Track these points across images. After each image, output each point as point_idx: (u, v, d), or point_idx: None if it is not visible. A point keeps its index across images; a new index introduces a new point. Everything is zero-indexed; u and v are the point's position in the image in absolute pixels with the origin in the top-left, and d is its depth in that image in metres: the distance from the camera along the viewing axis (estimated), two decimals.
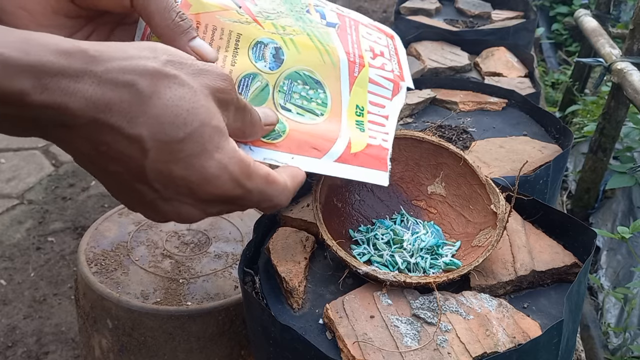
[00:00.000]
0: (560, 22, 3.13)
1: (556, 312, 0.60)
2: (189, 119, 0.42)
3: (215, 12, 0.57)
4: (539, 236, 0.68)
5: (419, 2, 1.77)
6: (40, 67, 0.36)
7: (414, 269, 0.63)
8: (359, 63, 0.64)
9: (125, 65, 0.40)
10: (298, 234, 0.69)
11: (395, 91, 0.66)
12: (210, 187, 0.44)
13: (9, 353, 1.49)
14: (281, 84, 0.58)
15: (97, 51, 0.39)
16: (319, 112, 0.59)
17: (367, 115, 0.62)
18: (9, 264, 1.78)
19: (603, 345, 1.37)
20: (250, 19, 0.58)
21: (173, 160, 0.42)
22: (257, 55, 0.57)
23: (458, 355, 0.53)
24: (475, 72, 1.33)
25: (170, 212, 0.46)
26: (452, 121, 1.00)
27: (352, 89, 0.62)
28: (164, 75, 0.41)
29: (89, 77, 0.38)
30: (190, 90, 0.42)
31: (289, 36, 0.60)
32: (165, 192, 0.44)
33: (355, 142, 0.59)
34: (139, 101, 0.40)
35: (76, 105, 0.38)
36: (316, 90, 0.60)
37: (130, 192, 0.45)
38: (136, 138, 0.40)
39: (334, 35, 0.64)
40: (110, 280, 0.87)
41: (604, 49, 1.56)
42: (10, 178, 2.17)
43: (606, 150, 1.62)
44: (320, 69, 0.60)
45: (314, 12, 0.65)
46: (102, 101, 0.38)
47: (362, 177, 0.58)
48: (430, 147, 0.71)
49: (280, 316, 0.60)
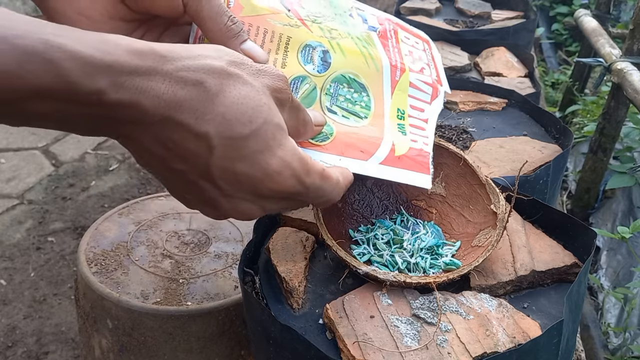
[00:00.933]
0: (560, 22, 3.13)
1: (556, 312, 0.60)
2: (253, 116, 0.43)
3: (266, 15, 0.58)
4: (539, 236, 0.68)
5: (419, 2, 1.77)
6: (117, 66, 0.37)
7: (414, 269, 0.63)
8: (400, 67, 0.65)
9: (194, 64, 0.41)
10: (298, 234, 0.69)
11: (434, 95, 0.67)
12: (272, 183, 0.46)
13: (9, 353, 1.49)
14: (328, 86, 0.59)
15: (167, 51, 0.40)
16: (363, 115, 0.60)
17: (408, 119, 0.63)
18: (9, 264, 1.78)
19: (603, 345, 1.37)
20: (299, 22, 0.59)
21: (238, 157, 0.43)
22: (305, 58, 0.59)
23: (458, 355, 0.53)
24: (475, 72, 1.33)
25: (230, 209, 0.47)
26: (452, 121, 1.00)
27: (393, 92, 0.63)
28: (229, 75, 0.43)
29: (161, 76, 0.39)
30: (253, 89, 0.44)
31: (335, 40, 0.61)
32: (228, 189, 0.45)
33: (398, 145, 0.60)
34: (207, 99, 0.41)
35: (149, 102, 0.39)
36: (360, 94, 0.61)
37: (193, 190, 0.46)
38: (203, 135, 0.41)
39: (376, 39, 0.65)
40: (110, 280, 0.87)
41: (604, 49, 1.56)
42: (10, 178, 2.17)
43: (606, 150, 1.62)
44: (365, 73, 0.62)
45: (356, 16, 0.66)
46: (173, 99, 0.40)
47: (406, 180, 0.59)
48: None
49: (280, 316, 0.60)
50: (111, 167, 2.26)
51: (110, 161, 2.30)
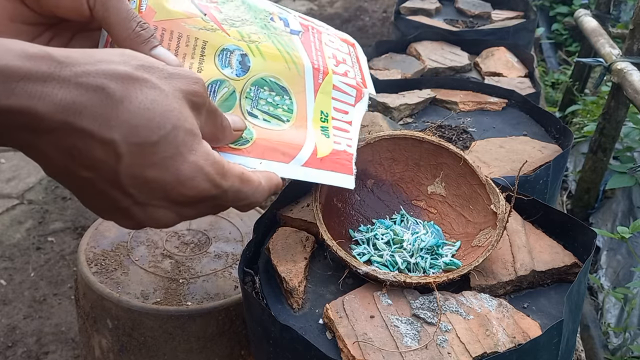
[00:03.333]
0: (560, 22, 3.13)
1: (556, 312, 0.60)
2: (162, 121, 0.42)
3: (180, 20, 0.57)
4: (539, 236, 0.68)
5: (419, 2, 1.77)
6: (5, 71, 0.36)
7: (414, 269, 0.63)
8: (323, 70, 0.65)
9: (94, 69, 0.39)
10: (298, 234, 0.69)
11: (358, 97, 0.67)
12: (185, 189, 0.44)
13: (9, 353, 1.49)
14: (248, 90, 0.59)
15: (64, 56, 0.39)
16: (285, 118, 0.60)
17: (332, 121, 0.63)
18: (9, 264, 1.78)
19: (603, 345, 1.37)
20: (215, 26, 0.59)
21: (147, 163, 0.42)
22: (223, 62, 0.58)
23: (458, 355, 0.53)
24: (475, 72, 1.33)
25: (144, 218, 0.46)
26: (452, 121, 1.00)
27: (316, 95, 0.63)
28: (135, 79, 0.41)
29: (57, 81, 0.38)
30: (162, 93, 0.42)
31: (255, 43, 0.60)
32: (139, 196, 0.43)
33: (321, 148, 0.60)
34: (110, 105, 0.39)
35: (45, 109, 0.37)
36: (282, 97, 0.61)
37: (103, 199, 0.44)
38: (109, 142, 0.40)
39: (298, 42, 0.65)
40: (110, 280, 0.87)
41: (604, 49, 1.56)
42: (10, 178, 2.17)
43: (606, 150, 1.62)
44: (286, 76, 0.61)
45: (277, 19, 0.65)
46: (72, 105, 0.38)
47: (329, 181, 0.59)
48: (430, 147, 0.71)
49: (280, 316, 0.60)
50: None
51: None
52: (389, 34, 3.39)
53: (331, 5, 4.02)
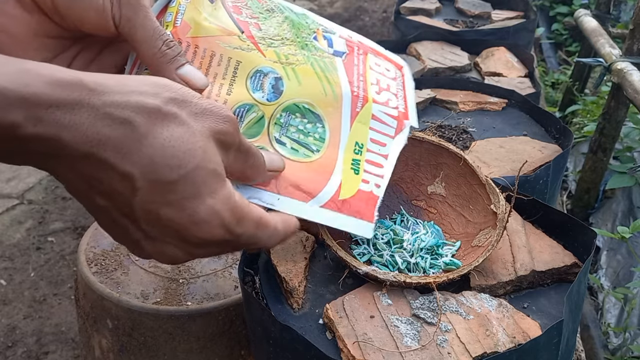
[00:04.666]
0: (560, 22, 3.13)
1: (556, 312, 0.60)
2: (184, 160, 0.41)
3: (215, 37, 0.55)
4: (539, 236, 0.68)
5: (419, 2, 1.77)
6: (35, 99, 0.35)
7: (414, 269, 0.63)
8: (363, 97, 0.61)
9: (124, 100, 0.39)
10: (298, 234, 0.69)
11: (399, 129, 0.63)
12: (198, 232, 0.43)
13: (9, 353, 1.49)
14: (278, 116, 0.56)
15: (95, 83, 0.38)
16: (315, 147, 0.57)
17: (366, 154, 0.60)
18: (9, 264, 1.78)
19: (603, 345, 1.37)
20: (252, 46, 0.56)
21: (163, 201, 0.41)
22: (255, 85, 0.55)
23: (458, 355, 0.53)
24: (475, 72, 1.33)
25: (154, 252, 0.45)
26: (452, 121, 1.00)
27: (352, 124, 0.60)
28: (164, 114, 0.40)
29: (86, 110, 0.37)
30: (189, 131, 0.41)
31: (291, 66, 0.57)
32: (151, 231, 0.43)
33: (345, 187, 0.57)
34: (134, 138, 0.39)
35: (70, 138, 0.37)
36: (315, 124, 0.58)
37: (117, 227, 0.44)
38: (127, 175, 0.39)
39: (340, 65, 0.61)
40: (110, 280, 0.87)
41: (604, 49, 1.56)
42: (10, 178, 2.17)
43: (606, 150, 1.62)
44: (321, 102, 0.58)
45: (321, 39, 0.62)
46: (97, 136, 0.38)
47: (347, 227, 0.57)
48: (430, 147, 0.71)
49: (280, 316, 0.60)
50: None
51: None
52: (389, 34, 3.39)
53: (331, 5, 4.02)
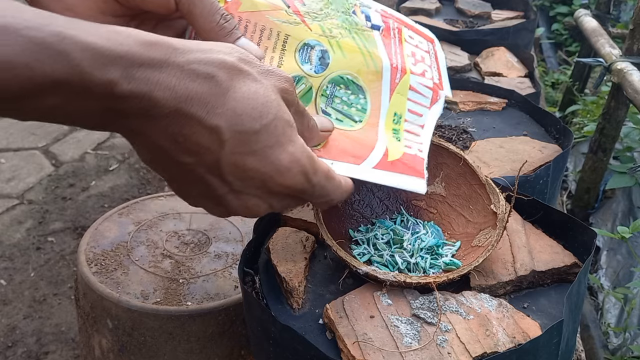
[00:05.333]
0: (560, 22, 3.13)
1: (556, 312, 0.60)
2: (264, 111, 0.43)
3: (265, 12, 0.57)
4: (539, 236, 0.68)
5: (419, 2, 1.77)
6: (129, 57, 0.37)
7: (414, 269, 0.63)
8: (401, 69, 0.63)
9: (205, 57, 0.41)
10: (298, 234, 0.69)
11: (434, 99, 0.65)
12: (282, 179, 0.46)
13: (9, 353, 1.49)
14: (324, 87, 0.58)
15: (178, 42, 0.41)
16: (358, 118, 0.59)
17: (404, 124, 0.62)
18: (9, 264, 1.78)
19: (603, 345, 1.37)
20: (298, 20, 0.58)
21: (249, 151, 0.43)
22: (303, 57, 0.58)
23: (458, 355, 0.53)
24: (475, 72, 1.33)
25: (238, 206, 0.47)
26: (452, 121, 1.00)
27: (392, 95, 0.62)
28: (240, 70, 0.43)
29: (172, 68, 0.39)
30: (263, 86, 0.44)
31: (336, 39, 0.59)
32: (237, 184, 0.45)
33: (392, 150, 0.59)
34: (218, 93, 0.41)
35: (160, 94, 0.39)
36: (357, 96, 0.60)
37: (199, 186, 0.45)
38: (215, 129, 0.41)
39: (378, 38, 0.63)
40: (110, 280, 0.87)
41: (604, 49, 1.56)
42: (10, 178, 2.17)
43: (606, 150, 1.62)
44: (364, 74, 0.60)
45: (359, 13, 0.64)
46: (184, 91, 0.40)
47: (400, 184, 0.58)
48: (430, 147, 0.71)
49: (280, 316, 0.60)
50: (111, 167, 2.26)
51: (110, 161, 2.30)
52: None
53: None
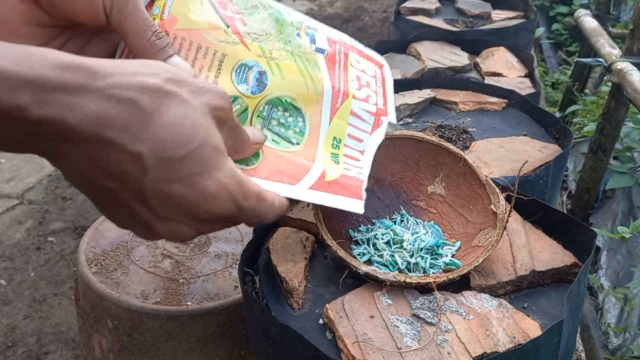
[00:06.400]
0: (560, 22, 3.13)
1: (556, 312, 0.60)
2: (190, 137, 0.41)
3: (202, 30, 0.56)
4: (539, 236, 0.68)
5: (419, 2, 1.77)
6: (41, 82, 0.36)
7: (414, 269, 0.63)
8: (343, 93, 0.62)
9: (127, 81, 0.39)
10: (298, 234, 0.69)
11: (376, 125, 0.65)
12: (208, 206, 0.44)
13: (9, 353, 1.49)
14: (261, 109, 0.57)
15: (99, 66, 0.39)
16: (295, 140, 0.59)
17: (343, 149, 0.62)
18: (9, 264, 1.78)
19: (603, 345, 1.37)
20: (237, 40, 0.57)
21: (173, 178, 0.42)
22: (240, 77, 0.57)
23: (458, 355, 0.53)
24: (475, 72, 1.33)
25: (163, 231, 0.46)
26: (452, 121, 1.00)
27: (332, 119, 0.61)
28: (166, 93, 0.41)
29: (90, 92, 0.38)
30: (191, 109, 0.42)
31: (275, 60, 0.59)
32: (161, 211, 0.43)
33: (329, 172, 0.58)
34: (140, 118, 0.39)
35: (76, 120, 0.37)
36: (295, 118, 0.59)
37: (124, 210, 0.44)
38: (136, 155, 0.40)
39: (322, 61, 0.63)
40: (110, 280, 0.87)
41: (604, 49, 1.56)
42: (10, 178, 2.17)
43: (606, 150, 1.62)
44: (303, 97, 0.59)
45: (304, 35, 0.63)
46: (103, 117, 0.38)
47: (337, 204, 0.57)
48: (430, 147, 0.71)
49: (280, 316, 0.60)
50: None
51: None
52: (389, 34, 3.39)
53: (331, 5, 4.02)
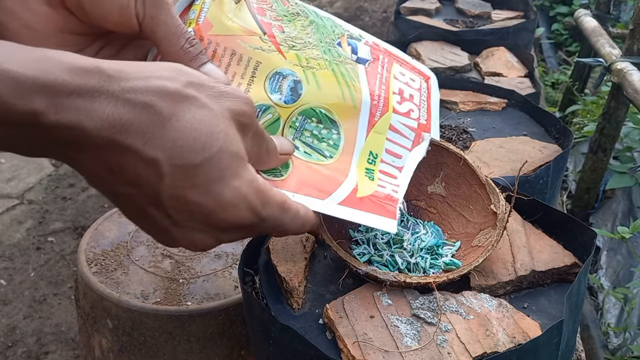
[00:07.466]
0: (560, 22, 3.13)
1: (556, 312, 0.60)
2: (207, 143, 0.40)
3: (237, 37, 0.54)
4: (539, 236, 0.68)
5: (419, 2, 1.77)
6: (56, 86, 0.35)
7: (414, 269, 0.63)
8: (383, 106, 0.60)
9: (144, 85, 0.38)
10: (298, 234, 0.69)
11: (417, 142, 0.62)
12: (226, 215, 0.43)
13: (9, 353, 1.49)
14: (294, 119, 0.55)
15: (114, 70, 0.38)
16: (329, 153, 0.56)
17: (379, 165, 0.59)
18: (9, 264, 1.78)
19: (603, 345, 1.37)
20: (273, 47, 0.56)
21: (189, 185, 0.41)
22: (273, 86, 0.55)
23: (458, 355, 0.53)
24: (475, 72, 1.33)
25: (182, 239, 0.45)
26: (452, 121, 1.00)
27: (369, 133, 0.59)
28: (184, 97, 0.40)
29: (106, 97, 0.37)
30: (211, 113, 0.41)
31: (312, 70, 0.56)
32: (179, 218, 0.43)
33: (362, 187, 0.56)
34: (156, 123, 0.38)
35: (92, 125, 0.36)
36: (330, 130, 0.57)
37: (143, 216, 0.43)
38: (152, 161, 0.39)
39: (362, 73, 0.60)
40: (110, 280, 0.87)
41: (604, 49, 1.56)
42: (10, 178, 2.17)
43: (606, 150, 1.62)
44: (339, 108, 0.57)
45: (345, 45, 0.61)
46: (119, 122, 0.37)
47: (368, 222, 0.55)
48: (430, 147, 0.71)
49: (280, 316, 0.60)
50: None
51: None
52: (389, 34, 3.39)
53: (331, 5, 4.02)
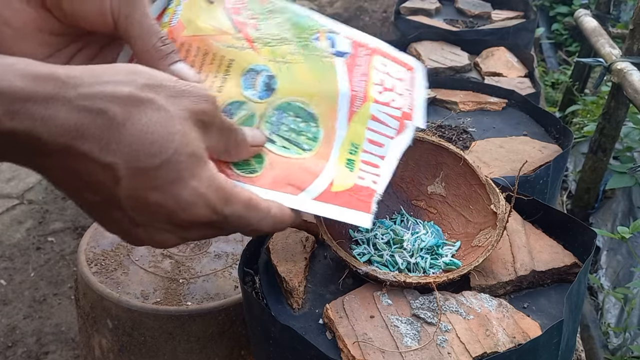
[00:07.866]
0: (560, 22, 3.13)
1: (556, 312, 0.60)
2: (164, 146, 0.41)
3: (210, 36, 0.55)
4: (539, 236, 0.68)
5: (419, 2, 1.77)
6: (10, 93, 0.35)
7: (414, 269, 0.63)
8: (363, 97, 0.60)
9: (99, 90, 0.39)
10: (298, 234, 0.69)
11: (400, 130, 0.62)
12: (186, 214, 0.44)
13: (9, 353, 1.49)
14: (269, 114, 0.56)
15: (69, 76, 0.38)
16: (307, 147, 0.56)
17: (361, 154, 0.59)
18: (9, 264, 1.78)
19: (603, 345, 1.37)
20: (246, 45, 0.56)
21: (148, 187, 0.42)
22: (247, 82, 0.55)
23: (458, 355, 0.53)
24: (475, 72, 1.33)
25: (147, 239, 0.46)
26: (452, 121, 1.00)
27: (349, 124, 0.59)
28: (139, 101, 0.40)
29: (62, 103, 0.37)
30: (167, 115, 0.42)
31: (287, 64, 0.57)
32: (141, 219, 0.43)
33: (338, 181, 0.56)
34: (112, 128, 0.39)
35: (47, 131, 0.37)
36: (308, 123, 0.57)
37: (108, 218, 0.44)
38: (109, 166, 0.40)
39: (339, 65, 0.60)
40: (110, 280, 0.87)
41: (604, 49, 1.56)
42: (10, 178, 2.17)
43: (606, 150, 1.62)
44: (316, 101, 0.57)
45: (324, 39, 0.61)
46: (74, 128, 0.38)
47: (342, 217, 0.54)
48: (430, 147, 0.71)
49: (280, 316, 0.60)
50: None
51: None
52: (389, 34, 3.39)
53: (331, 5, 4.02)
